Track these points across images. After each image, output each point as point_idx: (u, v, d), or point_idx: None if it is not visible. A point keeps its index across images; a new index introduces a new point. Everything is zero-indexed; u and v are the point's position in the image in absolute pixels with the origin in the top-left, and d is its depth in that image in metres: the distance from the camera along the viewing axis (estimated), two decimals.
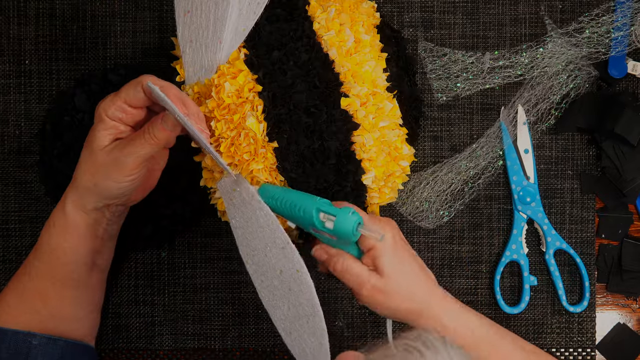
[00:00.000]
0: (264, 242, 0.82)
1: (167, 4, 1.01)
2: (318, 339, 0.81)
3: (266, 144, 0.83)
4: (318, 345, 0.82)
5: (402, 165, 0.89)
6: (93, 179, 0.81)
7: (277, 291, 0.82)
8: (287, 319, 0.83)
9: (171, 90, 0.78)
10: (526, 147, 1.00)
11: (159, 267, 1.01)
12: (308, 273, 0.79)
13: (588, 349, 1.01)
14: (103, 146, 0.80)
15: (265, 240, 0.82)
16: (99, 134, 0.80)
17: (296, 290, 0.81)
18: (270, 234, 0.81)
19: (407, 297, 0.82)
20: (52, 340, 0.85)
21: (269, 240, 0.81)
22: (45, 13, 1.01)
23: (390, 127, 0.87)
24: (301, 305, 0.81)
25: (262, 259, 0.83)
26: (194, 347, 1.01)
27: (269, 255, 0.82)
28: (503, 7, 1.01)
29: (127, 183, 0.81)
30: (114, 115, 0.80)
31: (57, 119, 0.96)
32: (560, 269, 1.00)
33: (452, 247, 1.01)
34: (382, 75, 0.88)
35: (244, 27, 0.84)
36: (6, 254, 1.01)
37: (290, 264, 0.80)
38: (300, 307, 0.81)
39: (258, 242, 0.83)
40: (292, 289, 0.81)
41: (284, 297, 0.82)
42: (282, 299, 0.82)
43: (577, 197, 1.01)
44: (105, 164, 0.80)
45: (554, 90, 1.00)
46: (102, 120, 0.80)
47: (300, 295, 0.80)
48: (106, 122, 0.80)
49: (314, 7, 0.87)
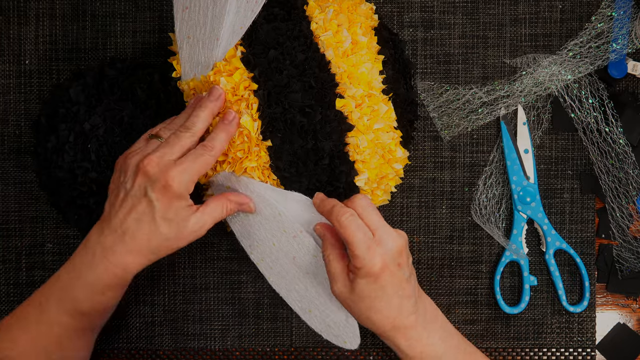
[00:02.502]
0: (271, 233, 0.85)
1: (167, 4, 1.01)
2: (345, 313, 0.87)
3: (260, 142, 0.84)
4: (345, 319, 0.87)
5: (395, 167, 0.90)
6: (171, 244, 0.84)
7: (290, 275, 0.86)
8: (304, 299, 0.86)
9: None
10: (526, 147, 1.00)
11: (159, 267, 1.01)
12: None
13: (588, 349, 1.00)
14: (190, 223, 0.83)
15: (272, 230, 0.85)
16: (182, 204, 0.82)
17: (315, 271, 0.86)
18: (277, 224, 0.85)
19: (365, 320, 0.83)
20: None
21: (277, 230, 0.85)
22: (45, 13, 1.01)
23: (385, 129, 0.87)
24: (321, 285, 0.86)
25: (269, 247, 0.86)
26: (194, 347, 1.01)
27: (279, 243, 0.85)
28: (503, 7, 1.01)
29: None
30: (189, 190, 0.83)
31: (52, 111, 0.96)
32: (560, 269, 1.00)
33: (452, 247, 1.01)
34: (378, 77, 0.88)
35: (242, 25, 0.84)
36: (6, 254, 1.01)
37: (304, 250, 0.85)
38: (321, 286, 0.86)
39: (264, 233, 0.86)
40: (310, 272, 0.86)
41: (300, 280, 0.86)
42: (298, 281, 0.86)
43: (577, 197, 1.01)
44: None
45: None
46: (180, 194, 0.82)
47: (320, 277, 0.85)
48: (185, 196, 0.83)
49: (312, 7, 0.87)
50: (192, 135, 0.84)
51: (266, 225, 0.86)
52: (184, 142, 0.83)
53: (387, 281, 0.81)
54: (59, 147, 0.94)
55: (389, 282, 0.81)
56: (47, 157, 0.95)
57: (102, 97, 0.94)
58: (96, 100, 0.94)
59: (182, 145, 0.83)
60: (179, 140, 0.83)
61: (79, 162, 0.93)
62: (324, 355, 1.01)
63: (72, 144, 0.93)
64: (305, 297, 0.86)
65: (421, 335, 0.84)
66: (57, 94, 0.97)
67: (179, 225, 0.82)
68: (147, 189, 0.81)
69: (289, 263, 0.86)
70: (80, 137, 0.93)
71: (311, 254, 0.85)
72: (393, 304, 0.82)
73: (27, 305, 0.86)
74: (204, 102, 0.85)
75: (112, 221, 0.83)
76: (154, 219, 0.81)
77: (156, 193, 0.81)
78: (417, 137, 1.01)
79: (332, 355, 1.01)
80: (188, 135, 0.83)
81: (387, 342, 0.85)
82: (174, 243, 0.83)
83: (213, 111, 0.85)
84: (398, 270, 0.82)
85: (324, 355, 1.01)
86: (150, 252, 0.83)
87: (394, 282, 0.82)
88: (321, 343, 1.01)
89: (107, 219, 0.84)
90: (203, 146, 0.83)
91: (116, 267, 0.83)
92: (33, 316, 0.85)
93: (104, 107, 0.93)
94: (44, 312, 0.85)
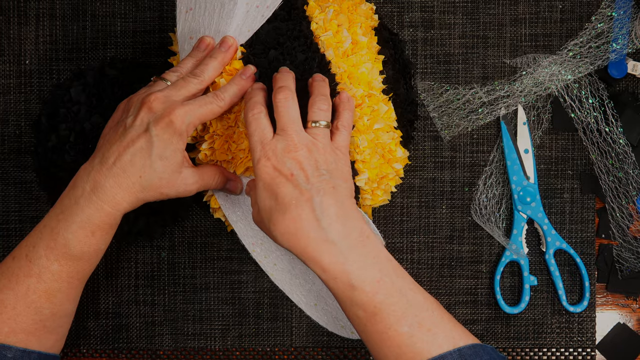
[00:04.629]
0: None
1: (167, 4, 1.01)
2: None
3: None
4: None
5: (395, 167, 0.90)
6: (162, 186, 0.82)
7: (295, 270, 0.86)
8: (310, 293, 0.86)
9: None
10: (526, 147, 1.00)
11: (159, 267, 1.01)
12: None
13: (588, 349, 1.01)
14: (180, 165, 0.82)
15: None
16: (180, 146, 0.82)
17: None
18: None
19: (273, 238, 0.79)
20: (27, 353, 0.83)
21: None
22: (45, 13, 1.01)
23: (385, 129, 0.87)
24: None
25: (273, 245, 0.86)
26: (194, 347, 1.01)
27: None
28: (503, 7, 1.01)
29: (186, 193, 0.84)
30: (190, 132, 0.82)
31: (52, 111, 0.96)
32: (560, 269, 1.00)
33: (452, 247, 1.01)
34: (378, 78, 0.88)
35: (249, 29, 0.85)
36: (6, 253, 1.01)
37: None
38: None
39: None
40: None
41: (305, 275, 0.86)
42: (304, 276, 0.86)
43: (577, 197, 1.01)
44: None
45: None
46: (181, 134, 0.82)
47: None
48: (184, 138, 0.82)
49: (312, 8, 0.87)
50: (199, 82, 0.84)
51: None
52: (191, 87, 0.83)
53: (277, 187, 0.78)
54: (59, 147, 0.94)
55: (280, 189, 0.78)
56: (47, 157, 0.95)
57: (102, 97, 0.94)
58: (97, 100, 0.94)
59: (188, 90, 0.83)
60: (187, 85, 0.83)
61: (80, 162, 0.92)
62: (324, 355, 1.01)
63: (72, 143, 0.93)
64: (311, 291, 0.86)
65: (335, 259, 0.77)
66: (58, 93, 0.97)
67: (172, 168, 0.81)
68: (150, 124, 0.80)
69: (295, 258, 0.86)
70: (80, 137, 0.93)
71: None
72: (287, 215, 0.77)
73: (11, 260, 0.84)
74: (215, 52, 0.85)
75: (105, 155, 0.81)
76: (150, 155, 0.80)
77: (158, 129, 0.80)
78: (417, 137, 1.01)
79: (332, 355, 1.01)
80: (196, 82, 0.83)
81: (310, 266, 0.78)
82: (165, 186, 0.82)
83: (224, 61, 0.85)
84: (286, 181, 0.78)
85: (324, 355, 1.01)
86: (141, 189, 0.81)
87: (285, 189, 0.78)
88: (321, 343, 1.01)
89: (100, 154, 0.82)
90: (215, 95, 0.83)
91: (106, 203, 0.81)
92: (20, 270, 0.83)
93: (105, 107, 0.93)
94: (32, 262, 0.82)
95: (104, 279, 1.01)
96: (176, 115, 0.80)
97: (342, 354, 1.01)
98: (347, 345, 1.01)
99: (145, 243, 1.01)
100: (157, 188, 0.82)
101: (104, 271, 1.01)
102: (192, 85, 0.83)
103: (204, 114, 0.82)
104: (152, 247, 1.01)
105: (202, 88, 0.84)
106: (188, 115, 0.81)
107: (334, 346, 1.01)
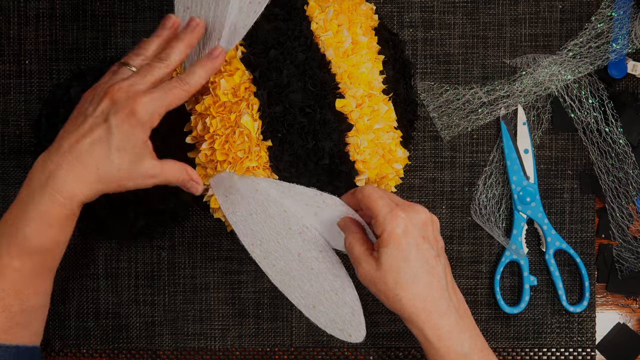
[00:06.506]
0: (275, 231, 0.85)
1: (167, 4, 1.01)
2: (350, 308, 0.86)
3: (260, 142, 0.84)
4: (350, 314, 0.86)
5: (395, 167, 0.90)
6: (122, 178, 0.80)
7: (294, 272, 0.86)
8: (309, 295, 0.86)
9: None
10: (526, 147, 1.00)
11: (159, 267, 1.01)
12: (332, 250, 0.85)
13: (588, 349, 1.01)
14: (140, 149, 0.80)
15: (276, 228, 0.85)
16: (141, 137, 0.80)
17: (320, 267, 0.85)
18: (282, 222, 0.85)
19: (393, 298, 0.79)
20: (3, 349, 0.81)
21: (281, 228, 0.85)
22: (45, 13, 1.01)
23: (385, 129, 0.87)
24: (327, 280, 0.86)
25: (273, 246, 0.86)
26: (194, 347, 1.01)
27: (283, 241, 0.86)
28: (503, 7, 1.01)
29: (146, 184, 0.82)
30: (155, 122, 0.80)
31: (52, 111, 0.96)
32: (560, 269, 1.00)
33: (452, 247, 1.01)
34: (379, 78, 0.88)
35: (244, 26, 0.84)
36: None
37: (310, 246, 0.85)
38: (327, 282, 0.86)
39: (268, 231, 0.86)
40: (315, 267, 0.86)
41: (305, 276, 0.86)
42: (303, 278, 0.86)
43: (577, 197, 1.01)
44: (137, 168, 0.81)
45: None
46: (144, 124, 0.80)
47: (325, 272, 0.85)
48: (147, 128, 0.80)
49: (312, 7, 0.87)
50: (165, 67, 0.82)
51: (270, 224, 0.85)
52: (157, 72, 0.81)
53: (411, 251, 0.78)
54: None
55: (413, 253, 0.78)
56: None
57: None
58: None
59: (154, 76, 0.81)
60: (152, 70, 0.81)
61: None
62: (324, 355, 1.01)
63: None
64: (310, 293, 0.86)
65: (452, 328, 0.80)
66: (58, 93, 0.97)
67: (132, 160, 0.79)
68: (110, 114, 0.78)
69: (294, 260, 0.86)
70: None
71: (317, 249, 0.85)
72: (420, 280, 0.78)
73: None
74: (181, 34, 0.83)
75: (63, 145, 0.79)
76: (109, 147, 0.78)
77: (117, 119, 0.78)
78: (417, 137, 1.01)
79: (332, 355, 1.01)
80: (162, 67, 0.81)
81: (413, 330, 0.81)
82: (124, 178, 0.80)
83: (190, 42, 0.83)
84: (422, 242, 0.79)
85: (324, 355, 1.01)
86: (98, 180, 0.79)
87: (419, 255, 0.78)
88: (321, 343, 1.01)
89: (57, 145, 0.80)
90: (178, 79, 0.81)
91: (60, 193, 0.78)
92: None
93: None
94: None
95: (104, 279, 1.01)
96: (139, 105, 0.78)
97: (342, 354, 1.01)
98: (347, 346, 1.01)
99: (145, 243, 1.01)
100: (116, 180, 0.80)
101: (104, 271, 1.01)
102: (158, 70, 0.81)
103: (169, 101, 0.80)
104: (152, 247, 1.01)
105: (169, 72, 0.82)
106: (152, 104, 0.79)
107: (334, 346, 1.01)
